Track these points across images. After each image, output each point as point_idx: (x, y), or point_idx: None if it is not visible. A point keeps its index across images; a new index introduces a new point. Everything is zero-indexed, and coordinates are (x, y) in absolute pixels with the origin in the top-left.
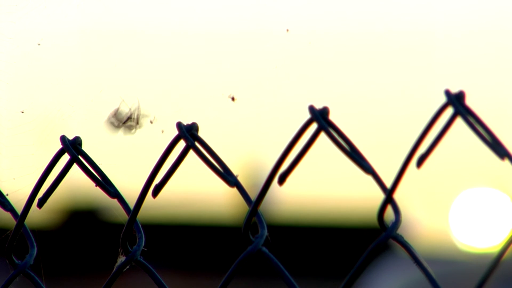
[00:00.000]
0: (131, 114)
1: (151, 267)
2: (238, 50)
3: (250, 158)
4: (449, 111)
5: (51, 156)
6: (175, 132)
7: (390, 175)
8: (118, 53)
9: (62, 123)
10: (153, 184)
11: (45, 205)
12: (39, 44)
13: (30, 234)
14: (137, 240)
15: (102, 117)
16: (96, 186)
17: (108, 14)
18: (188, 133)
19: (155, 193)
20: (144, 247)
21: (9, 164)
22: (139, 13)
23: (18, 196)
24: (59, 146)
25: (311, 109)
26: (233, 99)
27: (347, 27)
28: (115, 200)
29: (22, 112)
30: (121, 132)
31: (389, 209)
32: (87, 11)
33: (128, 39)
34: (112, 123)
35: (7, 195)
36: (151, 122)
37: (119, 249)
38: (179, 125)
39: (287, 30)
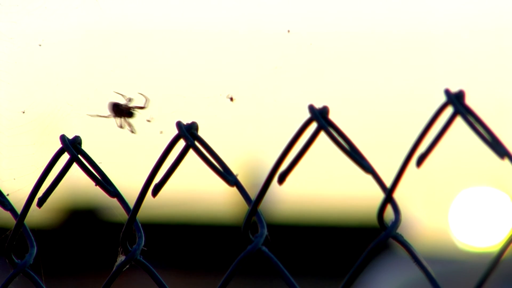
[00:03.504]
0: (128, 106)
1: (151, 267)
2: (237, 49)
3: (250, 157)
4: (449, 110)
5: (51, 156)
6: (174, 131)
7: (390, 174)
8: (117, 53)
9: (62, 123)
10: (153, 184)
11: (45, 204)
12: (40, 45)
13: (30, 233)
14: (136, 240)
15: (102, 116)
16: (96, 185)
17: (107, 14)
18: (188, 133)
19: (155, 193)
20: (144, 246)
21: (9, 164)
22: (137, 13)
23: (18, 195)
24: (59, 145)
25: (311, 108)
26: (231, 99)
27: (347, 28)
28: (115, 200)
29: (23, 112)
30: (122, 123)
31: (389, 209)
32: (86, 11)
33: (127, 39)
34: (114, 114)
35: (7, 195)
36: (149, 121)
37: (119, 249)
38: (179, 125)
39: (288, 31)
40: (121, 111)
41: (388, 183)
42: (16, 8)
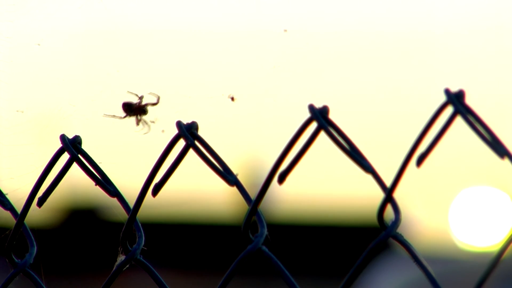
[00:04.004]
0: (140, 104)
1: (151, 266)
2: (236, 50)
3: (250, 157)
4: (449, 110)
5: (51, 155)
6: (175, 131)
7: (390, 174)
8: (118, 53)
9: (62, 122)
10: (153, 183)
11: (45, 204)
12: (39, 45)
13: (30, 233)
14: (136, 239)
15: (102, 117)
16: (96, 185)
17: (108, 14)
18: (188, 132)
19: (155, 192)
20: (144, 246)
21: (9, 163)
22: (138, 13)
23: (17, 195)
24: (58, 145)
25: (311, 108)
26: (232, 99)
27: (345, 27)
28: (115, 199)
29: (22, 112)
30: (136, 123)
31: (389, 208)
32: (87, 11)
33: (127, 39)
34: (128, 114)
35: (6, 194)
36: (153, 122)
37: (119, 248)
38: (179, 124)
39: (285, 30)
40: (134, 109)
41: (388, 182)
42: (14, 7)
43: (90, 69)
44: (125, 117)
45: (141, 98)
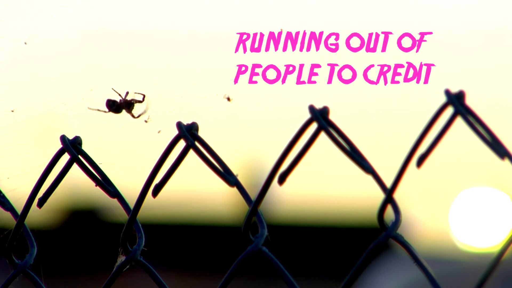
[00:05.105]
0: (123, 101)
1: (151, 267)
2: (235, 49)
3: (250, 158)
4: (449, 110)
5: (47, 155)
6: (173, 131)
7: (390, 174)
8: (112, 53)
9: (57, 122)
10: (153, 184)
11: (45, 204)
12: (25, 43)
13: (30, 233)
14: (137, 240)
15: (97, 116)
16: (96, 185)
17: (99, 13)
18: (188, 133)
19: (155, 193)
20: (144, 246)
21: (5, 163)
22: (132, 12)
23: (15, 195)
24: (54, 145)
25: (311, 108)
26: (228, 99)
27: (345, 27)
28: (115, 200)
29: (12, 111)
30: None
31: (389, 209)
32: (78, 10)
33: (121, 38)
34: (113, 111)
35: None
36: (146, 121)
37: (119, 249)
38: (179, 125)
39: (281, 29)
40: (119, 105)
41: (388, 183)
42: (5, 7)
43: (83, 68)
44: (108, 112)
45: (126, 94)
